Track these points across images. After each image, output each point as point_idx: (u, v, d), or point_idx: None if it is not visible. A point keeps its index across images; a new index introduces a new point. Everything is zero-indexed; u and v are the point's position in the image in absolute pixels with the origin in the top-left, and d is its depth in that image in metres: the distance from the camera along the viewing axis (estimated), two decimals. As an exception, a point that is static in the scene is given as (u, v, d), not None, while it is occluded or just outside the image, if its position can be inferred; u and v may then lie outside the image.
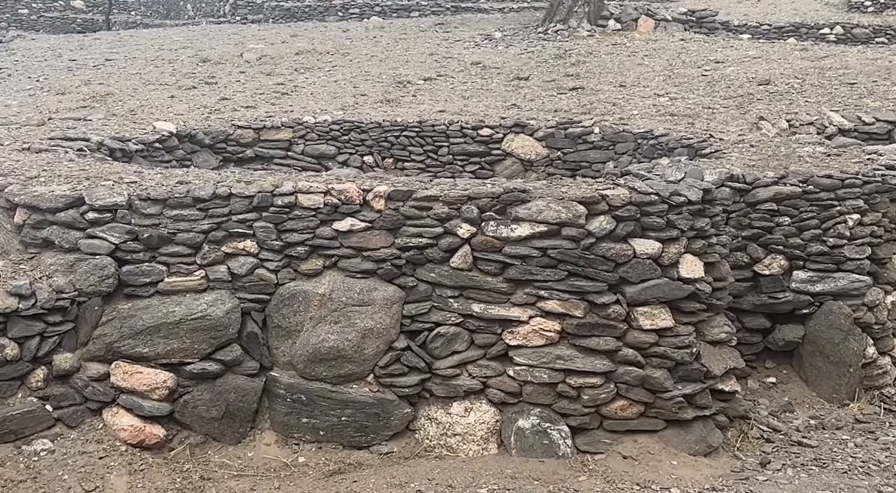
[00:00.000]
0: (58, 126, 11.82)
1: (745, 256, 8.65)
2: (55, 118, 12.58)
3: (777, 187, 8.64)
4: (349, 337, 7.33)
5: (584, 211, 7.21)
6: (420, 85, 16.18)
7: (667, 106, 13.78)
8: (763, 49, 18.82)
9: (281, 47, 20.78)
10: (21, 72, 18.20)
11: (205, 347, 7.29)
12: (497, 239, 7.28)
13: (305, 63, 18.67)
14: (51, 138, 10.58)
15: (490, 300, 7.37)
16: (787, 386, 8.66)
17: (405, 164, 12.88)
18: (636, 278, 7.27)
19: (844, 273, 8.63)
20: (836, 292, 8.61)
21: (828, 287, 8.60)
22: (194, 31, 26.33)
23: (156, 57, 19.98)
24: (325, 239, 7.45)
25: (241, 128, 12.56)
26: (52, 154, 9.34)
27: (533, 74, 16.90)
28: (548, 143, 12.52)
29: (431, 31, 22.86)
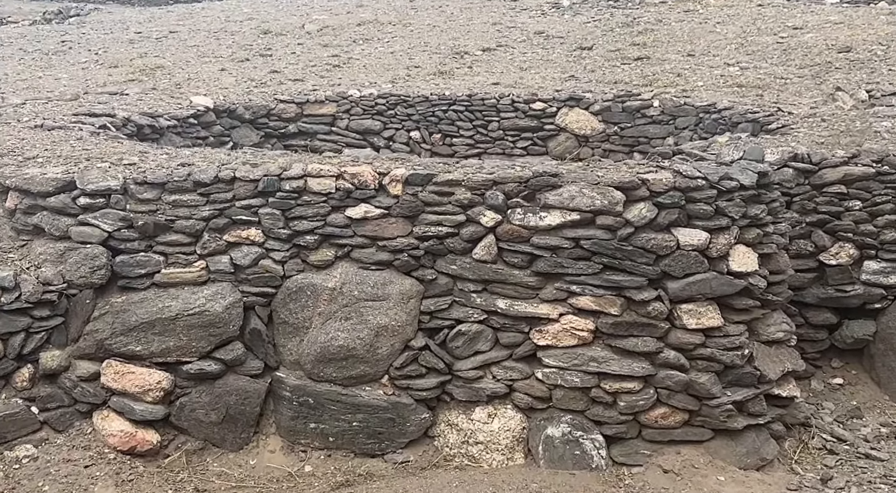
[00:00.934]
0: (90, 101, 11.43)
1: (809, 244, 7.87)
2: (91, 92, 12.21)
3: (847, 168, 7.82)
4: (361, 335, 6.70)
5: (621, 197, 6.49)
6: (478, 56, 15.58)
7: (736, 76, 12.97)
8: (846, 14, 17.72)
9: (344, 18, 20.27)
10: (83, 45, 18.02)
11: (204, 345, 6.71)
12: (524, 228, 6.59)
13: (365, 34, 18.15)
14: (75, 114, 10.19)
15: (516, 296, 6.69)
16: (856, 388, 7.87)
17: (453, 139, 12.42)
18: (680, 273, 6.53)
19: (925, 263, 7.85)
20: (913, 285, 7.83)
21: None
22: (266, 2, 26.06)
23: (219, 29, 19.70)
24: (336, 227, 6.81)
25: (283, 102, 12.26)
26: (63, 132, 8.83)
27: (597, 44, 16.14)
28: (604, 117, 11.94)
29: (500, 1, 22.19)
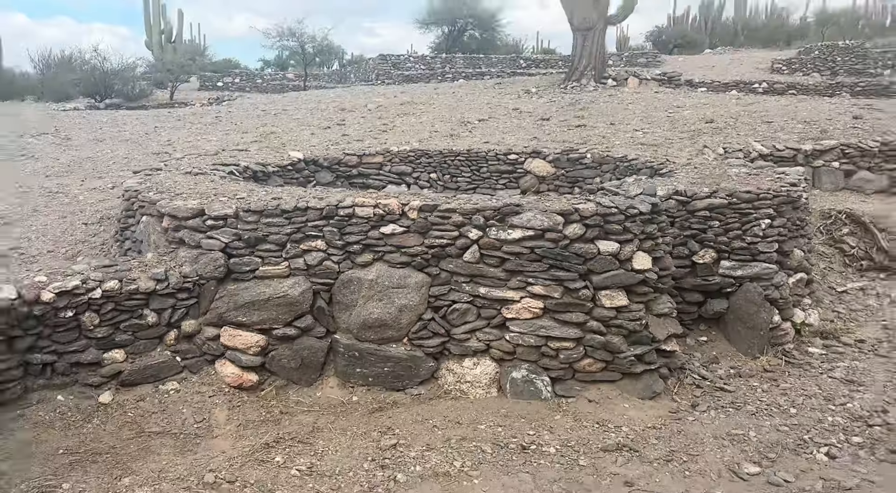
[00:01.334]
0: (225, 156, 11.56)
1: (686, 249, 7.86)
2: (227, 150, 12.35)
3: (710, 200, 7.84)
4: (390, 311, 6.69)
5: (561, 220, 6.52)
6: (476, 124, 15.72)
7: (640, 138, 13.01)
8: (711, 98, 17.81)
9: (392, 100, 20.63)
10: (228, 119, 18.41)
11: (287, 317, 6.69)
12: (497, 241, 6.59)
13: (404, 110, 18.46)
14: (213, 164, 10.23)
15: (492, 285, 6.68)
16: (715, 344, 7.88)
17: (458, 179, 12.53)
18: (600, 270, 6.55)
19: (758, 262, 7.80)
20: (752, 276, 7.78)
21: (746, 273, 7.78)
22: (346, 91, 26.80)
23: (314, 107, 20.10)
24: (374, 239, 6.80)
25: (348, 155, 12.38)
26: (203, 177, 8.81)
27: (553, 116, 16.18)
28: (555, 164, 11.98)
29: (491, 88, 22.36)
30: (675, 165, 10.17)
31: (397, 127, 15.47)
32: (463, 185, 12.39)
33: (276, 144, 13.53)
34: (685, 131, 13.44)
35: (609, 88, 19.98)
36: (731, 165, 9.81)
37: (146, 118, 19.19)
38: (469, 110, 17.60)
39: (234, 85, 38.76)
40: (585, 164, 11.71)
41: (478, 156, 12.39)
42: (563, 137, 13.63)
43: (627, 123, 14.78)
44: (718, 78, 23.01)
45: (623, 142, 12.69)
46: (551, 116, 16.05)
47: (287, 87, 37.37)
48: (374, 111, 18.45)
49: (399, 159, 12.52)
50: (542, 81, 22.78)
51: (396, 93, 22.55)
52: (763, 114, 14.55)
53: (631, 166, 10.85)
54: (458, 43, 47.06)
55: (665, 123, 14.37)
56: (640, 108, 16.54)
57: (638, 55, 37.21)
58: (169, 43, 44.52)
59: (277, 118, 18.11)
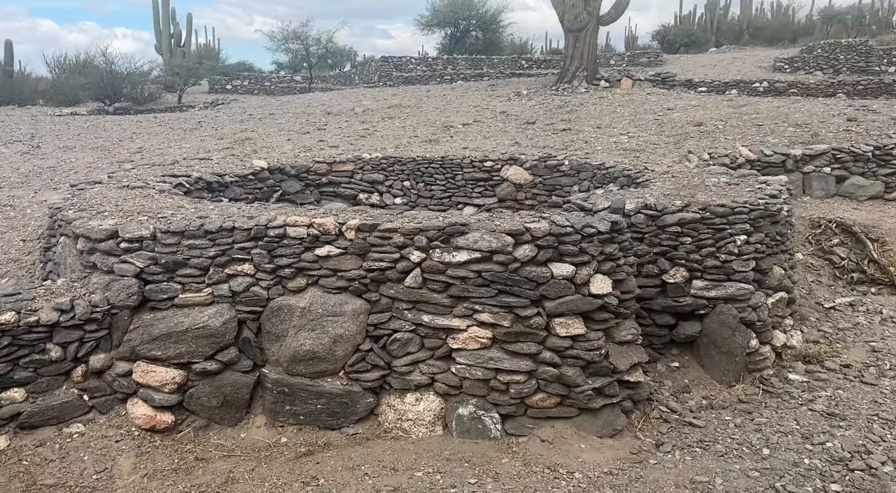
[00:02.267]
0: (184, 165, 10.92)
1: (655, 267, 7.20)
2: (188, 158, 11.75)
3: (681, 214, 7.16)
4: (323, 342, 6.03)
5: (511, 241, 5.85)
6: (459, 128, 15.10)
7: (624, 143, 12.32)
8: (702, 100, 17.08)
9: (381, 103, 20.07)
10: (210, 123, 17.96)
11: (207, 350, 6.04)
12: (441, 263, 5.94)
13: (391, 114, 17.91)
14: (163, 175, 9.61)
15: (436, 312, 6.03)
16: (688, 370, 7.21)
17: (432, 187, 11.87)
18: (554, 295, 5.89)
19: (733, 282, 7.10)
20: (727, 297, 7.09)
21: (720, 293, 7.09)
22: (341, 94, 25.95)
23: (301, 112, 19.58)
24: (307, 262, 6.15)
25: (318, 162, 11.82)
26: (139, 191, 8.14)
27: (539, 119, 15.54)
28: (533, 171, 11.32)
29: (484, 90, 21.65)
30: (652, 173, 9.49)
31: (378, 132, 14.82)
32: (437, 193, 11.75)
33: (248, 150, 12.91)
34: (672, 135, 12.73)
35: (601, 90, 19.27)
36: (711, 174, 9.11)
37: (128, 123, 18.65)
38: (455, 114, 16.95)
39: (242, 88, 38.40)
40: (563, 171, 11.03)
41: (453, 163, 11.73)
42: (546, 141, 12.95)
43: (614, 126, 14.09)
44: (719, 77, 22.23)
45: (606, 147, 11.99)
46: (537, 120, 15.36)
47: (294, 89, 36.91)
48: (360, 115, 17.83)
49: (371, 167, 11.89)
50: (535, 83, 22.07)
51: (388, 95, 21.89)
52: (754, 116, 13.81)
53: (608, 174, 10.18)
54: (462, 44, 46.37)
55: (652, 127, 13.67)
56: (629, 110, 15.84)
57: (640, 55, 36.44)
58: (178, 47, 44.31)
59: (261, 122, 17.54)
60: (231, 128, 16.60)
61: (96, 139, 15.49)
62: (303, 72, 42.78)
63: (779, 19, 51.11)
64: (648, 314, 7.30)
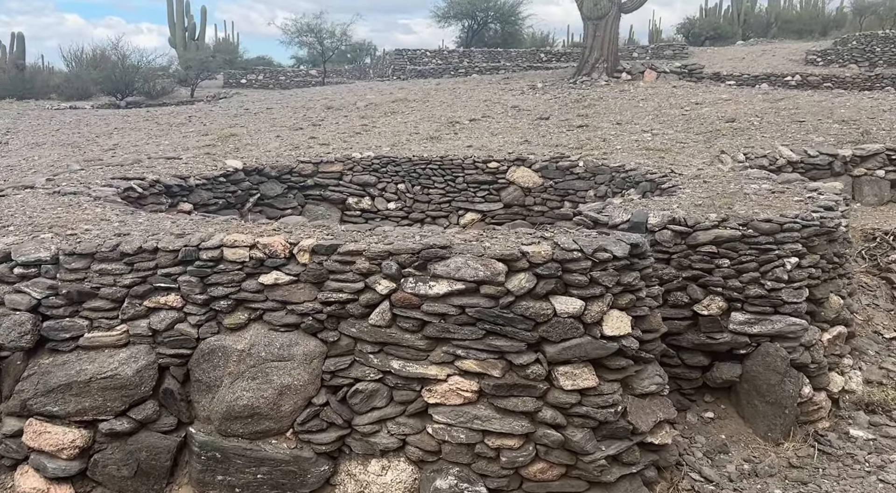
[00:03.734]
0: (145, 165, 9.76)
1: (685, 296, 5.95)
2: (153, 157, 10.56)
3: (717, 231, 5.88)
4: (265, 394, 4.82)
5: (503, 269, 4.63)
6: (465, 124, 13.91)
7: (647, 141, 11.05)
8: (734, 93, 15.71)
9: (386, 96, 18.90)
10: (200, 119, 16.86)
11: (118, 404, 4.84)
12: (415, 296, 4.73)
13: (394, 108, 16.74)
14: (113, 177, 8.57)
15: (409, 357, 4.83)
16: (725, 422, 5.96)
17: (430, 190, 10.67)
18: (557, 338, 4.66)
19: (782, 316, 5.84)
20: (774, 334, 5.83)
21: (765, 329, 5.83)
22: (349, 87, 24.97)
23: (300, 106, 18.44)
24: (250, 292, 4.96)
25: (303, 162, 10.75)
26: (68, 198, 7.05)
27: (553, 115, 14.28)
28: (543, 173, 10.12)
29: (497, 84, 20.26)
30: (680, 177, 8.23)
31: (377, 128, 13.62)
32: (436, 197, 10.57)
33: (229, 148, 11.78)
34: (701, 133, 11.43)
35: (622, 83, 17.91)
36: (749, 179, 7.83)
37: (116, 118, 17.51)
38: (463, 109, 15.71)
39: (258, 82, 37.61)
40: (577, 174, 9.81)
41: (453, 164, 10.52)
42: (560, 139, 11.69)
43: (636, 122, 12.80)
44: (748, 70, 20.80)
45: (626, 146, 10.72)
46: (551, 115, 14.10)
47: (310, 83, 35.91)
48: (362, 110, 16.65)
49: (362, 168, 10.72)
50: (551, 76, 20.74)
51: (394, 89, 20.65)
52: (794, 112, 12.48)
53: (629, 178, 8.92)
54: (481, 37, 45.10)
55: (679, 123, 12.37)
56: (652, 105, 14.52)
57: (664, 47, 35.05)
58: (192, 40, 43.51)
59: (255, 118, 16.40)
60: (220, 123, 15.45)
61: (72, 135, 14.36)
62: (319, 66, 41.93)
63: (808, 11, 49.43)
64: (677, 353, 6.05)
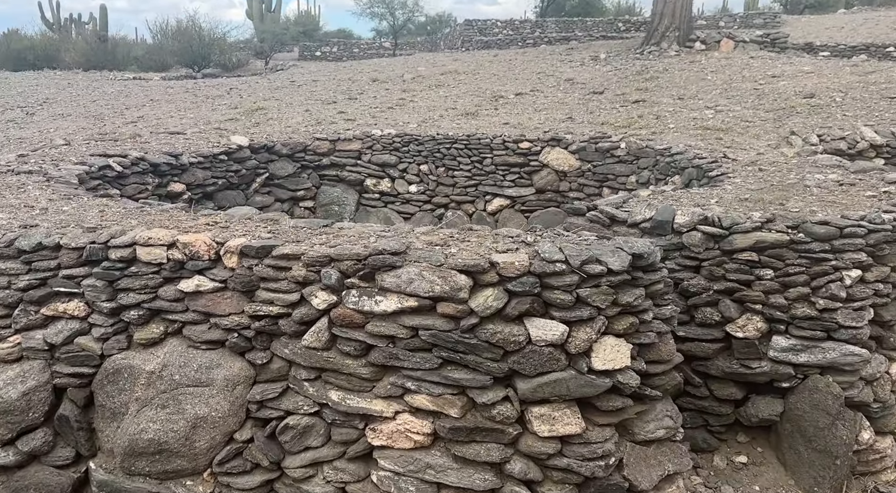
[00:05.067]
0: (144, 140, 9.20)
1: (716, 313, 4.96)
2: (156, 133, 10.00)
3: (759, 234, 4.85)
4: (176, 427, 4.06)
5: (465, 283, 3.75)
6: (510, 99, 12.99)
7: (707, 119, 9.91)
8: (818, 65, 14.23)
9: (435, 69, 18.15)
10: (240, 91, 16.52)
11: (4, 432, 4.16)
12: (359, 313, 3.90)
13: (441, 81, 15.95)
14: (91, 154, 8.01)
15: (350, 388, 4.01)
16: (760, 469, 4.97)
17: (455, 172, 9.80)
18: (531, 371, 3.77)
19: (836, 343, 4.79)
20: (825, 365, 4.81)
21: (814, 359, 4.80)
22: (407, 59, 24.33)
23: (346, 78, 17.81)
24: (167, 301, 4.21)
25: (319, 139, 10.05)
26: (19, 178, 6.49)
27: (609, 88, 13.19)
28: (581, 156, 9.16)
29: (558, 54, 19.17)
30: (733, 164, 7.17)
31: (414, 103, 12.81)
32: (461, 180, 9.72)
33: (250, 122, 11.24)
34: (772, 110, 10.22)
35: (694, 53, 16.55)
36: (815, 167, 6.73)
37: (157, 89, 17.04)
38: (514, 81, 14.76)
39: (332, 54, 37.66)
40: (618, 156, 8.82)
41: (480, 143, 9.63)
42: (608, 116, 10.65)
43: (700, 97, 11.62)
44: (845, 40, 18.99)
45: (682, 125, 9.62)
46: (606, 89, 13.01)
47: (383, 55, 35.62)
48: (409, 82, 15.89)
49: (382, 146, 9.95)
50: (618, 46, 19.49)
51: (449, 61, 19.79)
52: (885, 86, 11.10)
53: (673, 163, 7.88)
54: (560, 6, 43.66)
55: (749, 99, 11.15)
56: (722, 77, 13.24)
57: (755, 16, 33.13)
58: (269, 13, 43.67)
59: (297, 90, 15.80)
60: (257, 96, 14.88)
61: (104, 107, 13.91)
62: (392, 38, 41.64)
63: (922, -23, 46.45)
64: (704, 382, 5.09)
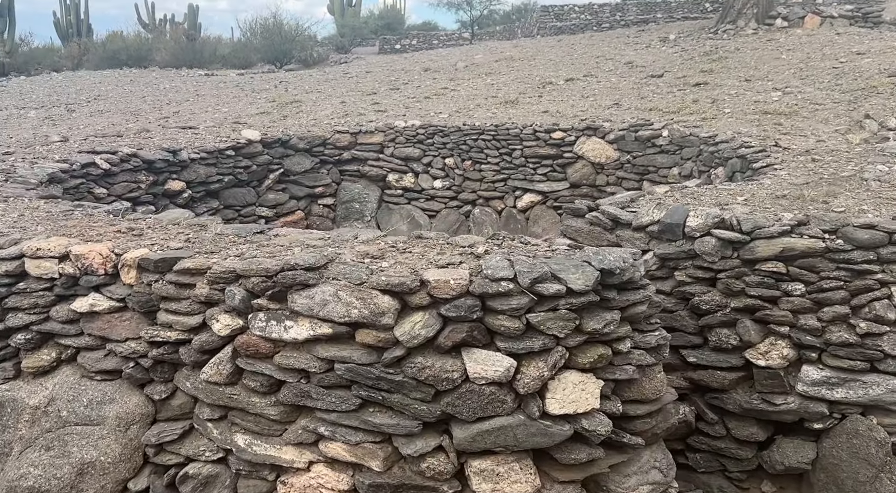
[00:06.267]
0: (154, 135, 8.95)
1: (733, 335, 4.17)
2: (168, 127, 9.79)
3: (787, 240, 4.03)
4: (60, 473, 3.48)
5: (389, 306, 3.09)
6: (559, 85, 12.26)
7: (771, 102, 8.93)
8: (914, 41, 12.95)
9: (491, 56, 17.60)
10: (287, 84, 16.22)
11: None
12: (266, 341, 3.28)
13: (494, 69, 15.32)
14: (79, 151, 7.76)
15: (258, 431, 3.39)
16: (790, 526, 4.18)
17: (482, 166, 9.14)
18: (469, 415, 3.10)
19: (882, 376, 3.95)
20: (867, 404, 3.99)
21: (853, 395, 3.97)
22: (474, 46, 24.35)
23: (400, 68, 17.48)
24: (60, 323, 3.66)
25: (339, 132, 9.59)
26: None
27: (671, 71, 12.26)
28: (619, 145, 8.38)
29: (626, 37, 18.23)
30: (785, 153, 6.31)
31: (456, 91, 12.24)
32: (489, 175, 9.04)
33: (278, 116, 10.97)
34: (848, 91, 9.16)
35: (774, 31, 15.30)
36: (882, 156, 5.82)
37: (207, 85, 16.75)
38: (569, 67, 13.99)
39: (411, 46, 37.66)
40: (660, 146, 7.99)
41: (509, 134, 8.92)
42: (660, 102, 9.77)
43: (770, 78, 10.58)
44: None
45: (739, 109, 8.69)
46: (667, 72, 12.09)
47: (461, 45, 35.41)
48: (460, 71, 15.40)
49: (405, 139, 9.38)
50: (691, 26, 18.42)
51: (509, 48, 19.17)
52: None
53: (717, 153, 7.01)
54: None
55: (825, 79, 10.07)
56: (799, 56, 12.10)
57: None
58: (349, 7, 44.12)
59: (345, 81, 15.57)
60: (301, 88, 14.66)
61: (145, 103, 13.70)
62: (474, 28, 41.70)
63: None
64: (721, 418, 4.30)
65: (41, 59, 28.95)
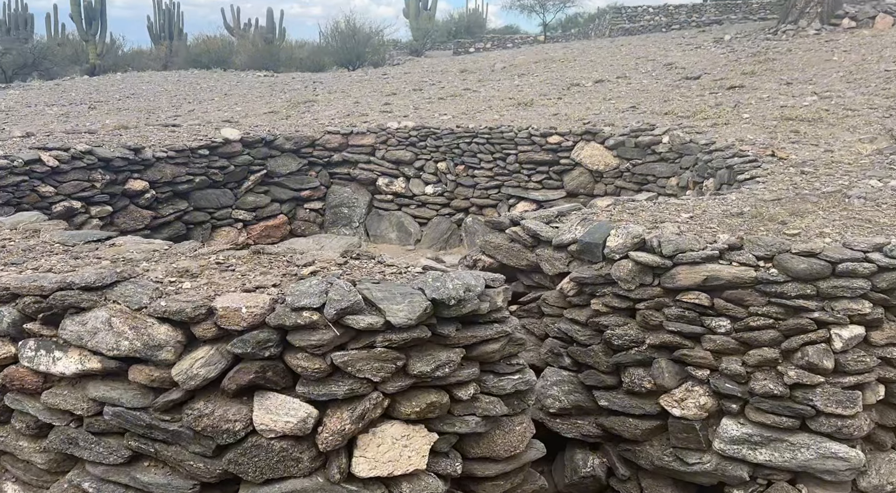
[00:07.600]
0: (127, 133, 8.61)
1: (647, 377, 3.56)
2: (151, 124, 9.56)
3: (713, 267, 3.37)
4: None
5: (169, 338, 2.57)
6: (586, 87, 11.82)
7: (797, 108, 8.21)
8: None
9: (531, 57, 17.37)
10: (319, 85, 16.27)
11: None
12: (34, 373, 2.80)
13: (529, 69, 15.11)
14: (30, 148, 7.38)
15: (27, 481, 2.88)
16: None
17: (475, 171, 8.68)
18: (256, 476, 2.57)
19: (814, 437, 3.30)
20: (796, 470, 3.34)
21: (779, 459, 3.30)
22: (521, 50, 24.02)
23: (439, 69, 17.51)
24: None
25: (330, 133, 9.27)
26: None
27: (710, 73, 11.65)
28: (619, 152, 7.83)
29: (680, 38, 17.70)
30: (778, 164, 5.78)
31: (476, 92, 11.95)
32: (482, 180, 8.51)
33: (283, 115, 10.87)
34: (893, 96, 8.39)
35: (839, 32, 14.30)
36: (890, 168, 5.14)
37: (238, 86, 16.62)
38: (607, 68, 13.52)
39: (483, 49, 37.94)
40: (660, 153, 7.41)
41: (503, 137, 8.36)
42: (682, 106, 9.10)
43: (814, 81, 9.83)
44: None
45: (760, 114, 8.01)
46: (705, 74, 11.47)
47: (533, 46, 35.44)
48: (496, 71, 15.41)
49: (397, 141, 9.00)
50: (752, 27, 17.64)
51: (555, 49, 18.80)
52: None
53: (711, 162, 6.40)
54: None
55: (873, 83, 9.28)
56: (853, 58, 11.24)
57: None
58: (424, 11, 44.67)
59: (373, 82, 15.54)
60: (330, 88, 14.77)
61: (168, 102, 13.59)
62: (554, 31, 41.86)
63: None
64: (634, 474, 3.69)
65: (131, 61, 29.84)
